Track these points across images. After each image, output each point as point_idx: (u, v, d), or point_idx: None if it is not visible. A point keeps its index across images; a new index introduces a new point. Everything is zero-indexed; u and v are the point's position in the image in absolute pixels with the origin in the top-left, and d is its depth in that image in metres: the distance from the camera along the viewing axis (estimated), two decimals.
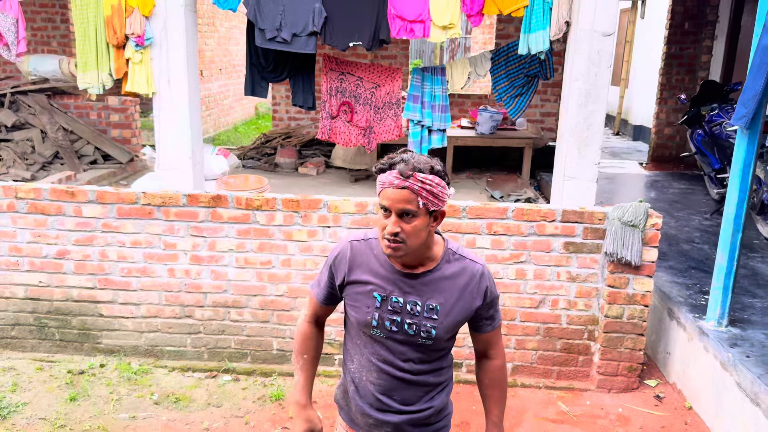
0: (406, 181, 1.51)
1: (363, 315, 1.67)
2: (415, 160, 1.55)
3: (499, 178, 7.18)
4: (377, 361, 1.70)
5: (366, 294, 1.67)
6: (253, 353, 3.72)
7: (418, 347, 1.67)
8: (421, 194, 1.52)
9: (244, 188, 4.63)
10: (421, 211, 1.53)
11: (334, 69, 5.06)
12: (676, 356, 3.61)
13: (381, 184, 1.57)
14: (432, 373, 1.73)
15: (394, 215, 1.53)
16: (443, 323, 1.64)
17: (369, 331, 1.68)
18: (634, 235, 3.35)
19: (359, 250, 1.71)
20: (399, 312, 1.65)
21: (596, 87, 4.44)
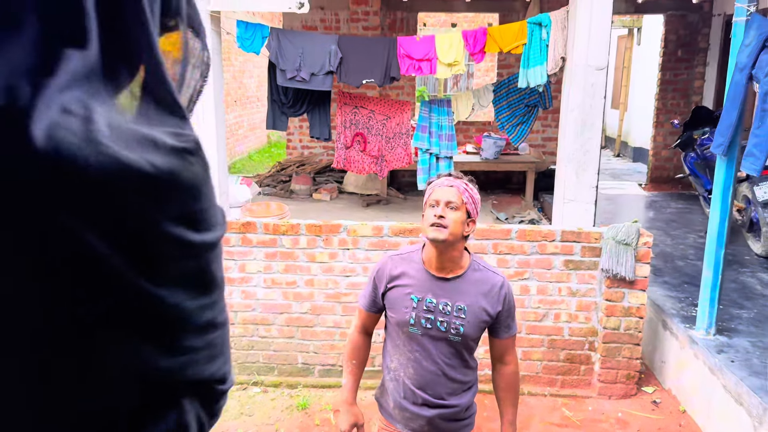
0: (455, 181, 1.96)
1: (402, 315, 2.00)
2: (461, 175, 2.02)
3: (503, 201, 7.52)
4: (414, 356, 2.02)
5: (404, 297, 2.01)
6: (279, 367, 4.04)
7: (449, 344, 1.99)
8: (464, 193, 1.93)
9: (267, 214, 4.98)
10: (462, 207, 1.91)
11: (348, 103, 5.46)
12: (670, 364, 3.91)
13: (432, 186, 2.00)
14: (459, 371, 2.04)
15: (443, 204, 1.91)
16: (470, 321, 1.96)
17: (407, 330, 2.00)
18: (627, 252, 3.68)
19: (397, 261, 2.07)
20: (432, 311, 1.97)
21: (591, 116, 4.79)
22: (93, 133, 0.55)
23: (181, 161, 0.62)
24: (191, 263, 0.62)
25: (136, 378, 0.58)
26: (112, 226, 0.56)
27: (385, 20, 7.93)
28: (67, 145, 0.52)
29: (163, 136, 0.64)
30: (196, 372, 0.61)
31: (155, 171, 0.59)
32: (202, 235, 0.63)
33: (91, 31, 0.59)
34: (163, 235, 0.59)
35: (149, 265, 0.58)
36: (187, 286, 0.62)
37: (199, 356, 0.62)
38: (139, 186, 0.58)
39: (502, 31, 4.76)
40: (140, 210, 0.58)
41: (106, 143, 0.56)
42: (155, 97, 0.66)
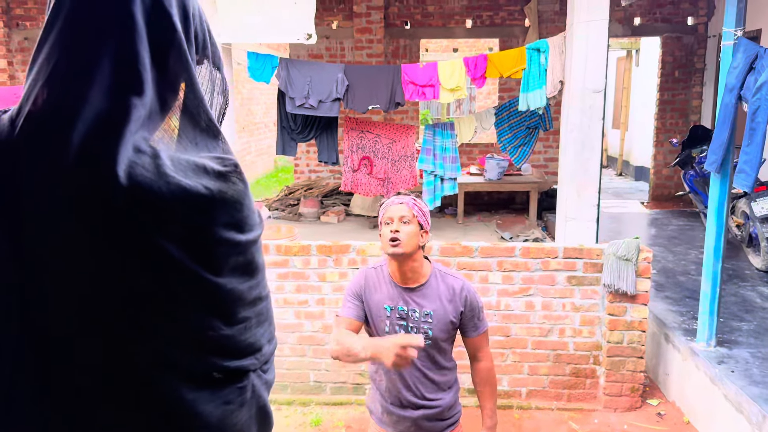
0: (403, 198, 2.17)
1: (379, 323, 2.18)
2: (409, 194, 2.23)
3: (507, 220, 7.66)
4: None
5: (379, 306, 2.19)
6: (292, 385, 4.15)
7: (423, 349, 2.14)
8: (414, 208, 2.14)
9: (277, 237, 5.14)
10: (413, 221, 2.10)
11: (355, 128, 5.66)
12: (673, 376, 4.00)
13: (384, 207, 2.20)
14: (437, 372, 2.21)
15: (396, 221, 2.09)
16: (437, 325, 2.16)
17: (386, 336, 2.16)
18: (628, 268, 3.80)
19: (372, 275, 2.26)
20: (405, 318, 2.17)
21: (590, 138, 4.95)
22: (161, 167, 0.74)
23: (225, 182, 0.82)
24: (240, 257, 0.82)
25: (210, 342, 0.78)
26: (181, 235, 0.75)
27: (388, 47, 8.18)
28: (143, 179, 0.71)
29: (211, 162, 0.83)
30: (249, 336, 0.82)
31: (208, 192, 0.78)
32: (246, 235, 0.83)
33: (149, 80, 0.76)
34: (218, 238, 0.79)
35: (209, 261, 0.78)
36: (239, 273, 0.82)
37: (251, 323, 0.82)
38: (198, 204, 0.77)
39: (502, 57, 4.96)
40: (200, 222, 0.78)
41: (172, 174, 0.75)
42: (196, 119, 0.85)
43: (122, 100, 0.74)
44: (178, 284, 0.75)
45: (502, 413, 4.00)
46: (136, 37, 0.73)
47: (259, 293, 0.85)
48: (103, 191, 0.70)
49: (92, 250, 0.71)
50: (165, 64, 0.80)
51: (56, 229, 0.69)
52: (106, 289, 0.71)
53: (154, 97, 0.80)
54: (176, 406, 0.75)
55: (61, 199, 0.69)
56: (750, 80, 3.20)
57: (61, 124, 0.68)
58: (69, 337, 0.71)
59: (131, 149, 0.74)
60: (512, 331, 3.99)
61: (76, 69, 0.71)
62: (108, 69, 0.72)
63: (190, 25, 0.82)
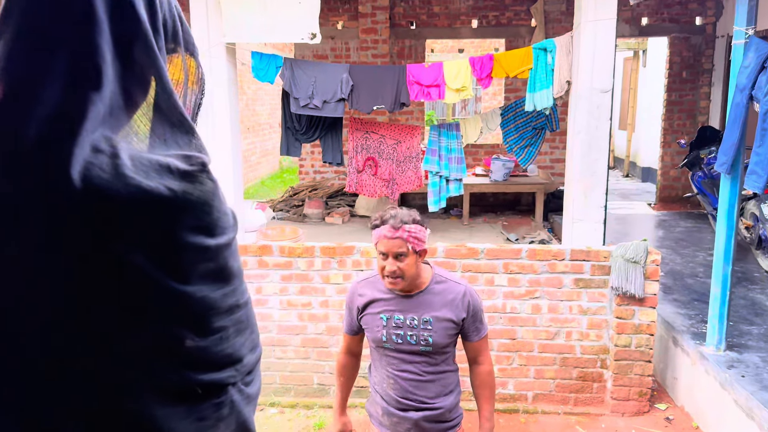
0: (397, 232, 2.03)
1: (375, 333, 2.15)
2: (401, 215, 2.08)
3: (513, 222, 7.61)
4: (392, 370, 2.16)
5: (375, 317, 2.15)
6: (296, 388, 4.11)
7: (421, 354, 2.13)
8: (409, 240, 2.03)
9: (281, 238, 5.10)
10: (410, 252, 2.01)
11: (359, 129, 5.62)
12: (682, 381, 3.94)
13: (377, 237, 2.09)
14: (437, 376, 2.16)
15: (391, 258, 2.00)
16: (437, 332, 2.10)
17: (382, 346, 2.15)
18: (636, 270, 3.74)
19: (364, 286, 2.22)
20: (401, 327, 2.11)
21: (597, 138, 4.90)
22: (120, 167, 0.68)
23: (191, 183, 0.75)
24: (211, 262, 0.76)
25: (182, 354, 0.72)
26: (142, 241, 0.70)
27: (393, 48, 8.14)
28: (99, 181, 0.66)
29: (176, 161, 0.76)
30: (227, 346, 0.76)
31: (171, 194, 0.72)
32: (216, 239, 0.76)
33: (110, 74, 0.71)
34: (183, 243, 0.72)
35: (175, 268, 0.72)
36: (210, 280, 0.76)
37: (228, 333, 0.76)
38: (159, 207, 0.71)
39: (509, 57, 4.91)
40: (163, 226, 0.71)
41: (131, 175, 0.69)
42: (166, 114, 0.79)
43: (79, 96, 0.68)
44: (140, 294, 0.70)
45: (507, 417, 3.95)
46: (95, 28, 0.68)
47: (236, 300, 0.79)
48: (55, 194, 0.64)
49: (46, 257, 0.65)
50: (130, 57, 0.74)
51: (4, 234, 0.64)
52: (59, 300, 0.66)
53: (117, 91, 0.74)
54: (145, 423, 0.70)
55: (11, 203, 0.64)
56: (762, 80, 3.14)
57: (13, 121, 0.64)
58: (26, 350, 0.66)
59: (88, 148, 0.68)
60: (518, 334, 3.94)
61: (31, 62, 0.67)
62: (64, 62, 0.67)
63: (157, 13, 0.76)
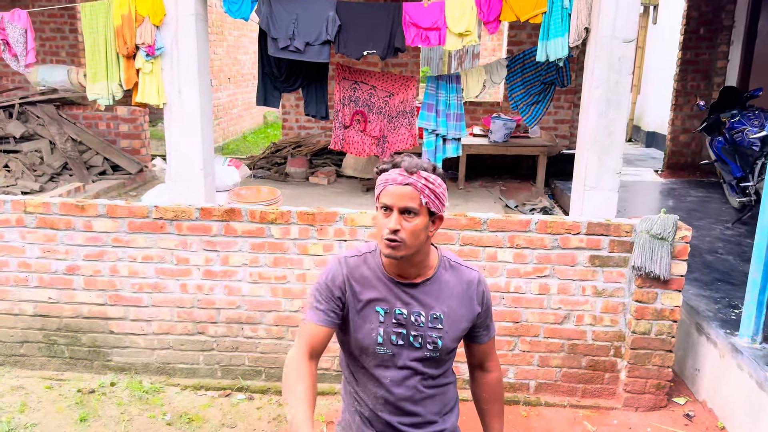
0: (410, 177, 1.50)
1: (367, 333, 1.60)
2: (419, 161, 1.55)
3: (512, 187, 7.07)
4: (386, 382, 1.63)
5: (368, 309, 1.60)
6: (267, 371, 3.61)
7: (425, 362, 1.62)
8: (423, 192, 1.50)
9: (257, 200, 4.53)
10: (422, 210, 1.52)
11: (347, 78, 4.98)
12: (705, 373, 3.48)
13: (383, 183, 1.54)
14: (438, 390, 1.67)
15: (396, 213, 1.51)
16: (448, 332, 1.61)
17: (375, 350, 1.61)
18: (662, 248, 3.23)
19: (354, 265, 1.64)
20: (404, 324, 1.60)
21: (617, 94, 4.33)
22: None
23: None
24: None
25: None
26: None
27: None
28: None
29: None
30: None
31: None
32: None
33: None
34: None
35: None
36: None
37: None
38: None
39: None
40: None
41: None
42: None
43: None
44: None
45: (507, 409, 3.47)
46: None
47: None
48: None
49: None
50: None
51: None
52: None
53: None
54: None
55: None
56: None
57: None
58: None
59: None
60: (522, 316, 3.45)
61: None
62: None
63: None
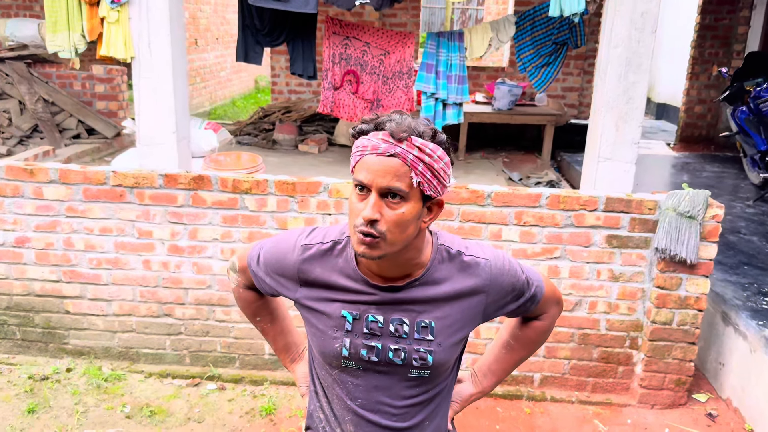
0: (397, 146, 1.04)
1: (329, 342, 1.19)
2: (411, 121, 1.07)
3: (515, 159, 6.63)
4: (354, 405, 1.23)
5: (330, 313, 1.20)
6: (241, 358, 3.24)
7: (410, 382, 1.21)
8: (416, 167, 1.04)
9: (236, 167, 4.10)
10: (412, 194, 1.07)
11: (338, 33, 4.49)
12: (731, 368, 3.11)
13: (359, 151, 1.07)
14: (427, 411, 1.26)
15: (375, 195, 1.06)
16: (442, 344, 1.20)
17: (339, 366, 1.21)
18: (690, 228, 2.83)
19: (317, 254, 1.22)
20: (379, 335, 1.18)
21: (638, 55, 3.87)
22: None
23: None
24: None
25: None
26: None
27: None
28: None
29: None
30: None
31: None
32: None
33: None
34: None
35: None
36: None
37: None
38: None
39: None
40: None
41: None
42: None
43: None
44: None
45: (507, 405, 3.14)
46: None
47: None
48: None
49: None
50: None
51: None
52: None
53: None
54: None
55: None
56: None
57: None
58: None
59: None
60: None
61: None
62: None
63: None
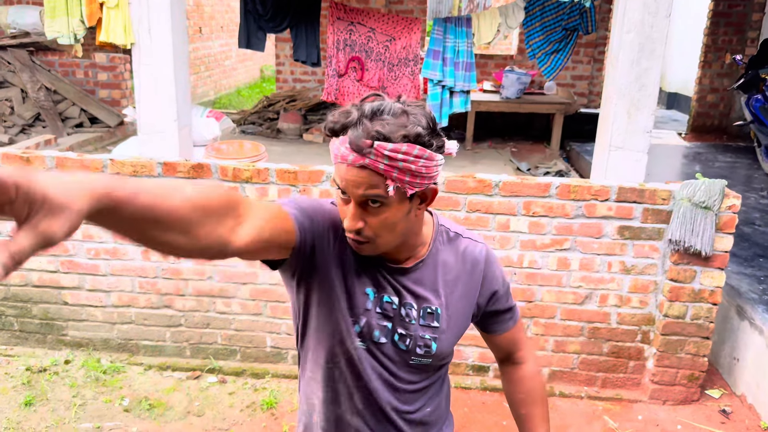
0: (365, 158, 0.95)
1: (343, 318, 1.11)
2: (380, 119, 0.95)
3: (524, 148, 6.52)
4: (350, 393, 1.18)
5: (357, 288, 1.13)
6: (243, 350, 3.18)
7: (410, 369, 1.17)
8: (390, 174, 0.96)
9: (238, 156, 4.03)
10: (392, 198, 1.00)
11: (343, 18, 4.39)
12: (747, 364, 3.02)
13: (333, 155, 1.00)
14: (425, 411, 1.23)
15: (354, 204, 1.01)
16: (446, 331, 1.17)
17: (348, 348, 1.14)
18: (706, 218, 2.73)
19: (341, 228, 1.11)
20: (391, 317, 1.13)
21: (652, 40, 3.75)
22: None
23: None
24: None
25: None
26: None
27: None
28: None
29: None
30: None
31: None
32: None
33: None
34: None
35: None
36: None
37: None
38: None
39: None
40: None
41: None
42: None
43: None
44: None
45: None
46: None
47: None
48: None
49: None
50: None
51: None
52: None
53: None
54: None
55: None
56: None
57: None
58: None
59: None
60: (537, 295, 2.97)
61: None
62: None
63: None
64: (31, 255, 0.58)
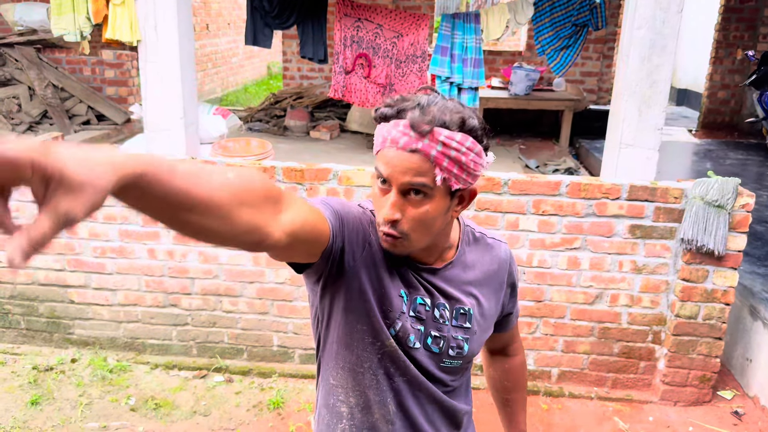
0: (420, 141, 0.94)
1: (377, 320, 1.07)
2: (439, 106, 0.97)
3: (532, 146, 6.47)
4: (393, 400, 1.14)
5: (391, 291, 1.09)
6: (249, 349, 3.16)
7: (442, 371, 1.15)
8: (440, 163, 0.95)
9: (245, 153, 4.00)
10: (438, 190, 0.98)
11: (349, 14, 4.35)
12: (760, 364, 2.97)
13: (381, 140, 0.98)
14: (449, 406, 1.21)
15: (396, 192, 0.98)
16: (477, 332, 1.16)
17: (383, 351, 1.10)
18: (719, 217, 2.69)
19: (373, 220, 1.09)
20: (424, 320, 1.10)
21: (663, 36, 3.70)
22: None
23: None
24: None
25: None
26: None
27: None
28: None
29: None
30: None
31: None
32: None
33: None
34: None
35: None
36: None
37: None
38: None
39: None
40: None
41: None
42: None
43: None
44: None
45: None
46: None
47: None
48: None
49: None
50: None
51: None
52: None
53: None
54: None
55: None
56: None
57: None
58: None
59: None
60: (546, 294, 2.94)
61: None
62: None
63: None
64: (52, 237, 0.55)
